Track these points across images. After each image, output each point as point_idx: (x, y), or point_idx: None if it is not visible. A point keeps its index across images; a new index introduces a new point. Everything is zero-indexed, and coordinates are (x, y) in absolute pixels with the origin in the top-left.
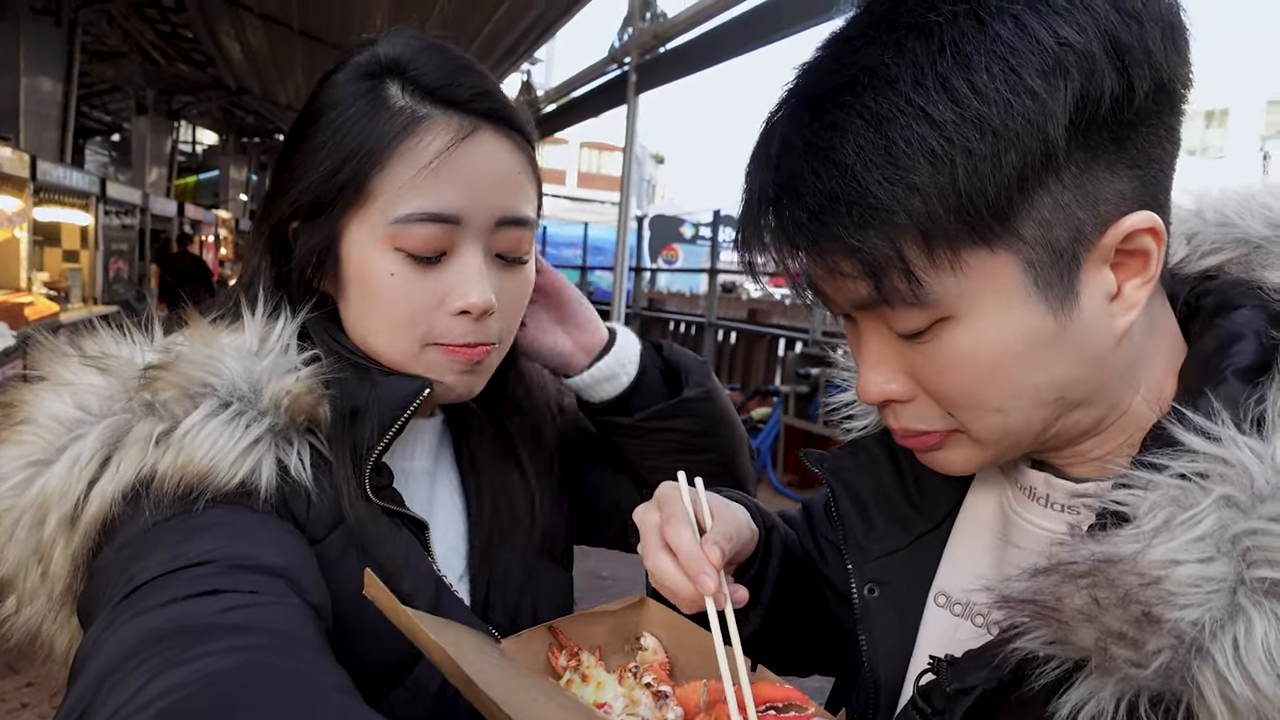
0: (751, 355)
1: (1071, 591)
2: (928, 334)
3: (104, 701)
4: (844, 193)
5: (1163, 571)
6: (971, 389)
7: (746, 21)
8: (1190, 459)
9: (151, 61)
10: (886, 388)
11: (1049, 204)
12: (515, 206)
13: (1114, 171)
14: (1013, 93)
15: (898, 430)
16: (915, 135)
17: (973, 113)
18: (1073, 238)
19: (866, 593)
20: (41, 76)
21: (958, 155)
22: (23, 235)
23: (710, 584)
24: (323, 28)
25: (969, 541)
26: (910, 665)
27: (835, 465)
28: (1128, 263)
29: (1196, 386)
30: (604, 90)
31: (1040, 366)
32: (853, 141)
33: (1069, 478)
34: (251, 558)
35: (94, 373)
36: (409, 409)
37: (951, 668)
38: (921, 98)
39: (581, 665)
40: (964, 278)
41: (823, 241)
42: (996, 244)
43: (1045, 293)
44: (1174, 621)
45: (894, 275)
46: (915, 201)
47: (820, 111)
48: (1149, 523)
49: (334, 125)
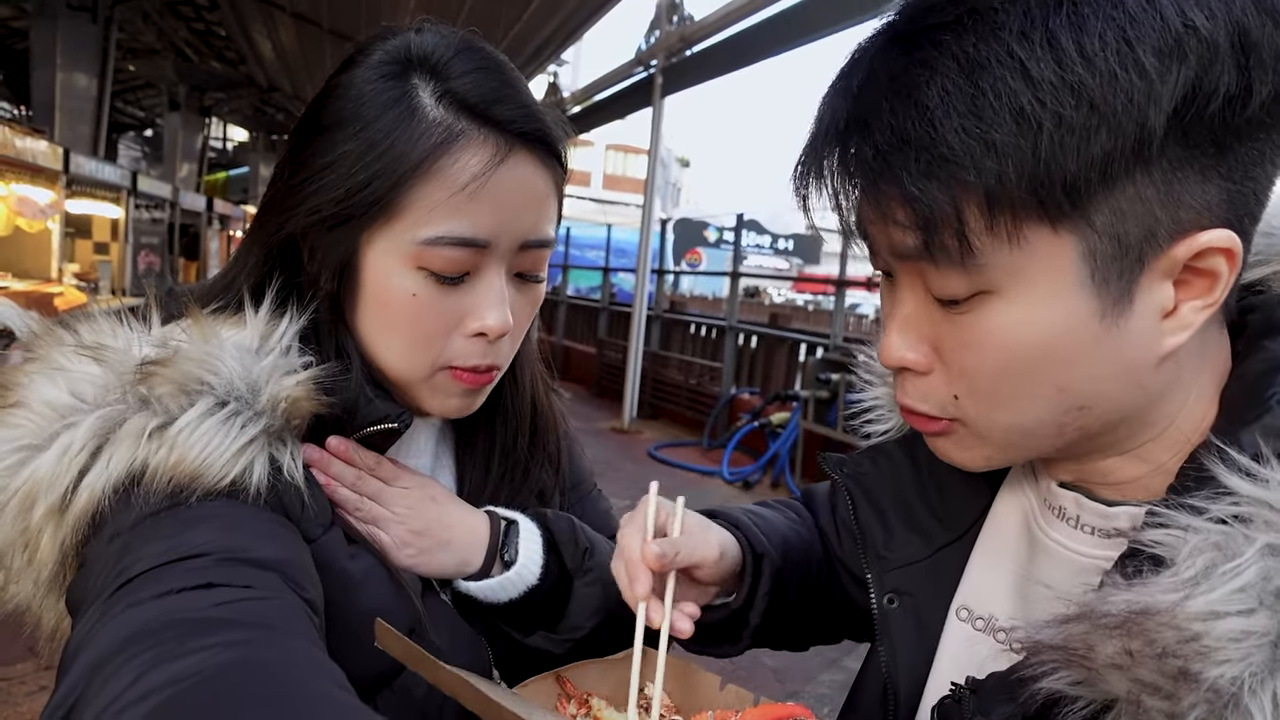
0: (772, 359)
1: (1104, 641)
2: (966, 304)
3: (96, 694)
4: (916, 135)
5: (1202, 626)
6: (993, 374)
7: (773, 25)
8: (1231, 501)
9: (184, 59)
10: (906, 354)
11: (1129, 195)
12: (541, 229)
13: (1206, 178)
14: (1121, 66)
15: (902, 404)
16: (1007, 89)
17: (1075, 78)
18: (1144, 237)
19: (886, 603)
20: (77, 72)
21: (1047, 120)
22: (55, 227)
23: (640, 590)
24: (352, 27)
25: (992, 556)
26: (930, 677)
27: (855, 470)
28: (1192, 281)
29: (1239, 415)
30: (630, 92)
31: (1070, 367)
32: (939, 84)
33: (1100, 500)
34: (246, 550)
35: (89, 361)
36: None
37: (974, 695)
38: (1024, 50)
39: (592, 710)
40: (1019, 253)
41: (882, 183)
42: (1062, 224)
43: (1099, 289)
44: (1213, 679)
45: (947, 234)
46: (989, 160)
47: (914, 47)
48: (1187, 570)
49: (362, 134)
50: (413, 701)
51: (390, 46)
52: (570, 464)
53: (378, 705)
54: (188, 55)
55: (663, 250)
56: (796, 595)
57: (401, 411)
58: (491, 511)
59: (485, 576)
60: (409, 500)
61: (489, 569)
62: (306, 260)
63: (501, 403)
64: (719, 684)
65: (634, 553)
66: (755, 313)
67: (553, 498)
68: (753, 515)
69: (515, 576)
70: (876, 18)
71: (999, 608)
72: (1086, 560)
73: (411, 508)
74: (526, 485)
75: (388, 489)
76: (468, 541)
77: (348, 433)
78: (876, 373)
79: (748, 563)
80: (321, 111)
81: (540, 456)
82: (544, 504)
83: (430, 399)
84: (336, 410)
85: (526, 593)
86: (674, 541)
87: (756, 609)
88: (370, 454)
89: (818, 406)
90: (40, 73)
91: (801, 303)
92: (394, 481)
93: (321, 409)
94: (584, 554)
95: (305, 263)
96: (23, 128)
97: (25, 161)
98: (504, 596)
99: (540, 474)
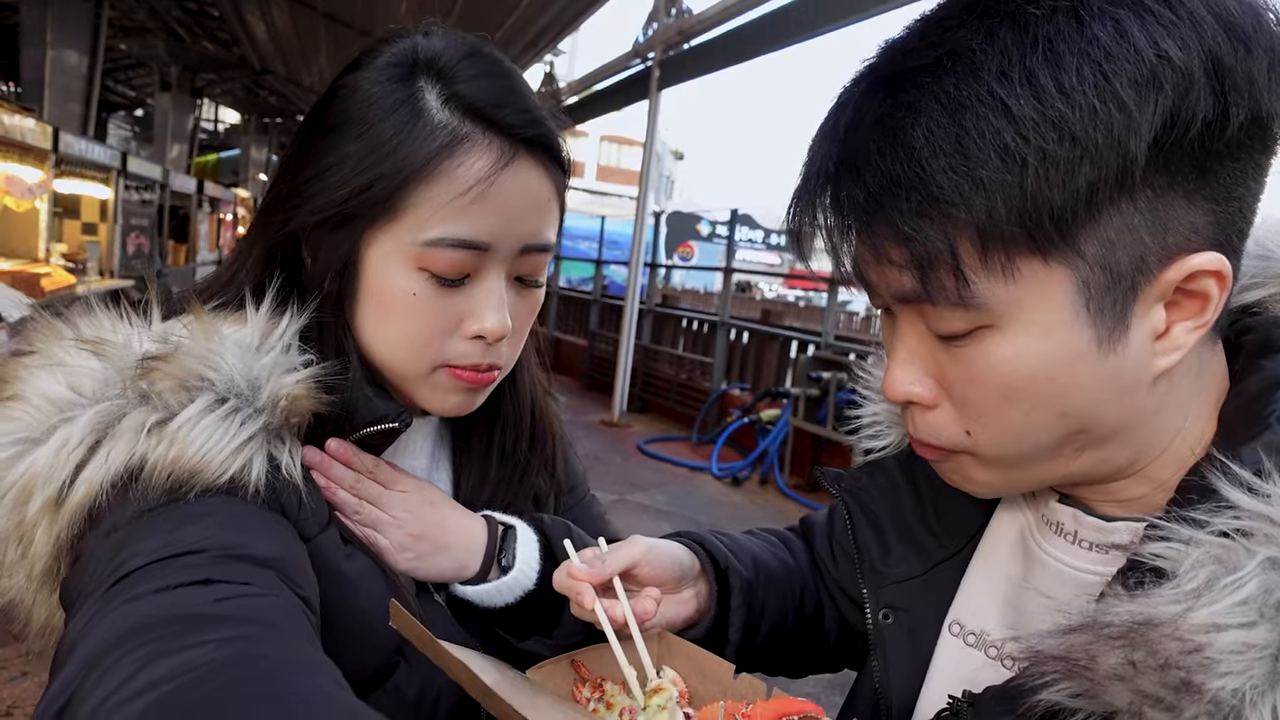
0: (763, 356)
1: (1106, 651)
2: (966, 339)
3: (92, 688)
4: (906, 176)
5: (1205, 638)
6: (998, 404)
7: (771, 21)
8: (1233, 514)
9: (177, 39)
10: (911, 389)
11: (1116, 224)
12: (542, 233)
13: (1191, 202)
14: (1100, 99)
15: (913, 438)
16: (990, 127)
17: (1055, 113)
18: (1134, 265)
19: (881, 618)
20: (67, 50)
21: (1031, 155)
22: (43, 206)
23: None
24: (347, 11)
25: (987, 572)
26: (922, 692)
27: (852, 485)
28: (1184, 303)
29: (1239, 432)
30: (626, 84)
31: (1070, 394)
32: (924, 125)
33: (1098, 515)
34: (244, 547)
35: (89, 355)
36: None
37: (971, 708)
38: (1004, 89)
39: (605, 694)
40: (1014, 286)
41: (875, 224)
42: (1053, 256)
43: (1095, 318)
44: (1215, 690)
45: (943, 271)
46: (978, 197)
47: (896, 90)
48: (1189, 582)
49: (367, 135)
50: (406, 702)
51: (397, 49)
52: (566, 468)
53: (370, 704)
54: (180, 35)
55: (656, 243)
56: (780, 618)
57: (401, 410)
58: (489, 516)
59: (482, 581)
60: (408, 504)
61: (486, 573)
62: (308, 259)
63: (501, 406)
64: (732, 672)
65: (564, 575)
66: (747, 308)
67: (548, 501)
68: (720, 536)
69: (512, 581)
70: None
71: (991, 622)
72: (1083, 575)
73: (410, 512)
74: (523, 489)
75: (386, 493)
76: (466, 546)
77: (347, 432)
78: (875, 388)
79: (709, 573)
80: (327, 112)
81: (538, 460)
82: (539, 508)
83: (430, 397)
84: (336, 409)
85: (523, 597)
86: (595, 552)
87: (734, 625)
88: (369, 457)
89: (808, 404)
90: (30, 50)
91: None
92: (393, 485)
93: (321, 407)
94: None
95: (307, 262)
96: (11, 105)
97: (13, 140)
98: (500, 601)
99: (536, 478)
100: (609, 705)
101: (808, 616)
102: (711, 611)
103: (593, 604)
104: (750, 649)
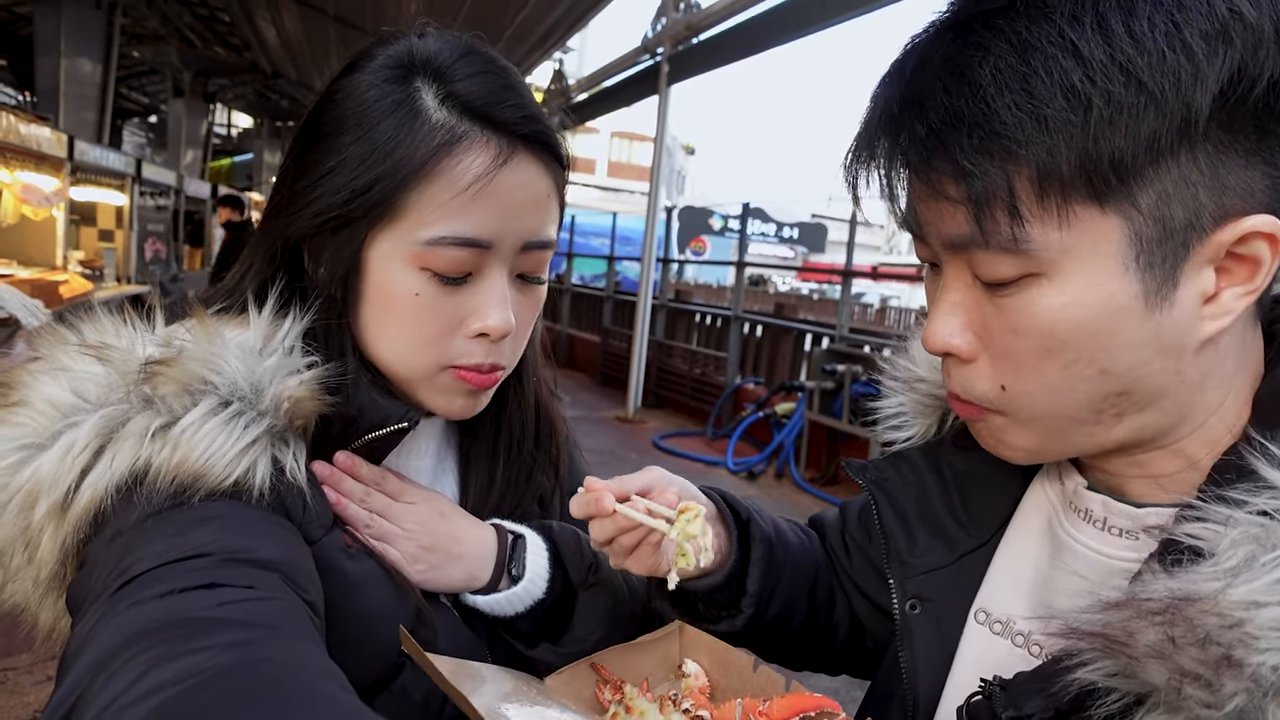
0: (777, 349)
1: (1145, 628)
2: (1012, 287)
3: (98, 692)
4: (970, 112)
5: (1245, 614)
6: (1037, 357)
7: (779, 14)
8: (1271, 494)
9: (189, 45)
10: (952, 340)
11: (1175, 176)
12: (543, 230)
13: (1249, 163)
14: (1169, 47)
15: (950, 391)
16: (1059, 67)
17: (1123, 57)
18: (1188, 221)
19: (909, 609)
20: (81, 58)
21: (1097, 97)
22: (59, 214)
23: (607, 502)
24: (357, 14)
25: (1014, 560)
26: (948, 682)
27: (878, 476)
28: (1234, 268)
29: (1276, 416)
30: (636, 80)
31: (1113, 351)
32: (992, 63)
33: (1128, 501)
34: (249, 551)
35: (93, 361)
36: (378, 433)
37: (1004, 691)
38: (1075, 31)
39: (625, 697)
40: (1068, 232)
41: (935, 160)
42: (1109, 204)
43: (1145, 273)
44: (1255, 666)
45: (998, 210)
46: (1041, 135)
47: (967, 32)
48: (1228, 560)
49: (365, 137)
50: (412, 704)
51: (393, 50)
52: (570, 468)
53: (376, 707)
54: (192, 41)
55: (668, 238)
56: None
57: (408, 410)
58: (499, 525)
59: (493, 590)
60: (418, 515)
61: (496, 583)
62: (310, 262)
63: (506, 406)
64: (752, 665)
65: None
66: (760, 301)
67: (553, 502)
68: (744, 498)
69: (522, 591)
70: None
71: (1018, 610)
72: (1112, 562)
73: (420, 523)
74: (529, 489)
75: (395, 505)
76: (476, 556)
77: (354, 434)
78: (899, 379)
79: (729, 521)
80: (324, 116)
81: (543, 460)
82: (545, 508)
83: (435, 399)
84: (341, 411)
85: (533, 606)
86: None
87: (753, 575)
88: (375, 468)
89: (823, 397)
90: (44, 59)
91: (806, 291)
92: (400, 496)
93: (325, 409)
94: (589, 568)
95: (309, 266)
96: (27, 115)
97: (30, 149)
98: (510, 610)
99: (541, 477)
100: (629, 709)
101: (819, 601)
102: (733, 556)
103: (612, 506)
104: (762, 618)
